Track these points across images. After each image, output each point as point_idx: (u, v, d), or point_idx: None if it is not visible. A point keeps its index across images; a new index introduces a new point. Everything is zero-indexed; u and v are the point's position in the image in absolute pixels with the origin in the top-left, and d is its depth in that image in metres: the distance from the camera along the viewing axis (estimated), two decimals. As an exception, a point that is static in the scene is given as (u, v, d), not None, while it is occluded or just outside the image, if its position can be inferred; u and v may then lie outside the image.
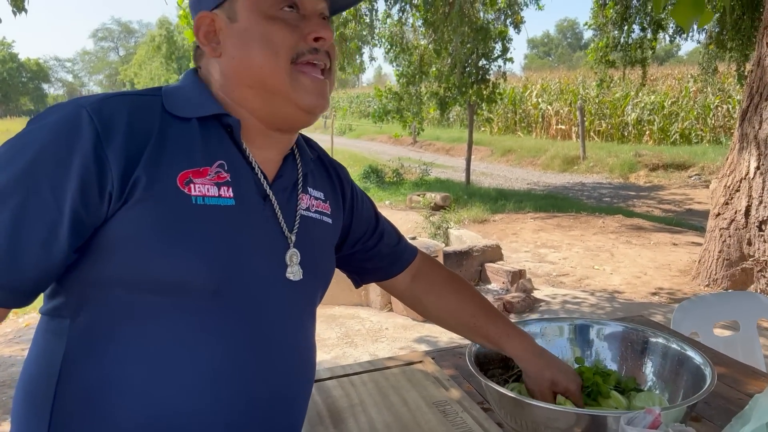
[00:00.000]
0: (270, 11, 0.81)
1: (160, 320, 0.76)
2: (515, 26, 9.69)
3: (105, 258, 0.74)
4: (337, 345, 3.85)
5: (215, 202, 0.78)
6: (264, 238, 0.83)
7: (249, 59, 0.81)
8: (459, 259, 4.90)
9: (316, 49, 0.83)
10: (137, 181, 0.73)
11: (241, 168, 0.83)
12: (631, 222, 7.10)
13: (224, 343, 0.78)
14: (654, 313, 4.23)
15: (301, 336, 0.89)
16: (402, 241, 1.18)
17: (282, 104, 0.83)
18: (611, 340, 1.32)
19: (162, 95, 0.82)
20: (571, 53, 65.05)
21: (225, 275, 0.77)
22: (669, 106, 15.52)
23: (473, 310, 1.15)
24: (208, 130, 0.82)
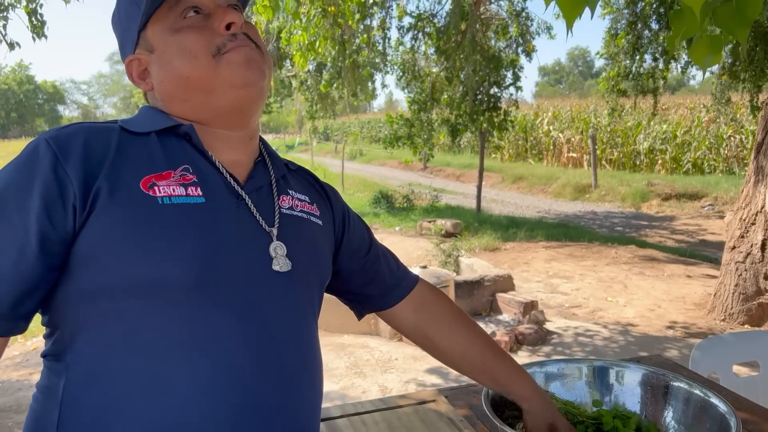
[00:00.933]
0: (175, 25, 0.84)
1: (148, 325, 0.75)
2: (527, 55, 9.76)
3: (84, 271, 0.75)
4: (346, 375, 3.79)
5: (183, 201, 0.79)
6: (242, 233, 0.83)
7: (174, 73, 0.84)
8: (470, 288, 4.86)
9: (234, 35, 0.84)
10: (99, 190, 0.75)
11: (207, 171, 0.84)
12: (644, 252, 7.02)
13: (217, 340, 0.77)
14: (669, 348, 4.15)
15: (301, 331, 0.88)
16: (401, 267, 1.16)
17: (220, 95, 0.85)
18: (631, 384, 1.28)
19: (119, 122, 0.86)
20: (583, 81, 65.33)
21: (203, 269, 0.76)
22: (681, 135, 15.48)
23: (482, 348, 1.11)
24: (168, 142, 0.84)
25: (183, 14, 0.84)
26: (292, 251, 0.87)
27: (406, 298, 1.12)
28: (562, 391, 1.28)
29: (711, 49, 1.70)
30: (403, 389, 3.51)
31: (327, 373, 3.87)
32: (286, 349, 0.84)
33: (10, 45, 4.75)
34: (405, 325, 1.14)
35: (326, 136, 34.93)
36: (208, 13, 0.85)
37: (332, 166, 19.56)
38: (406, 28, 9.76)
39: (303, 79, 11.95)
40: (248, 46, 0.85)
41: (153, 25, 0.85)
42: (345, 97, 11.45)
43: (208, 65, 0.83)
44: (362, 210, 11.10)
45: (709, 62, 1.71)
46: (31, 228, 0.73)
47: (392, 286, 1.12)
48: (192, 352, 0.76)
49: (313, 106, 12.73)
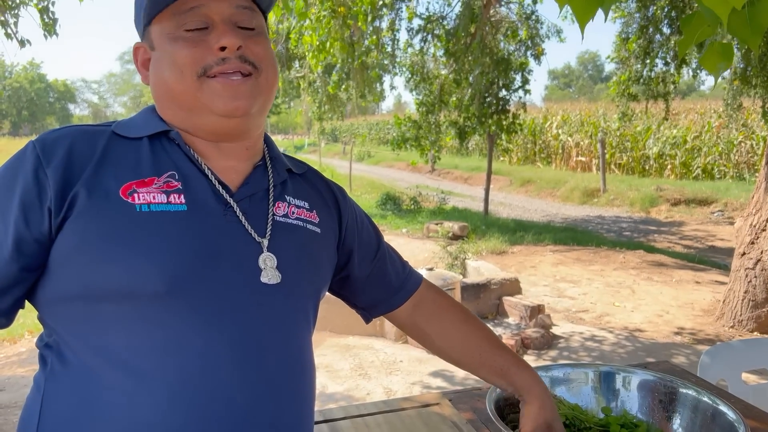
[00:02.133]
0: (174, 33, 0.83)
1: (121, 329, 0.76)
2: (536, 58, 9.73)
3: (60, 274, 0.77)
4: (350, 377, 3.78)
5: (163, 209, 0.78)
6: (228, 243, 0.81)
7: (163, 81, 0.85)
8: (476, 291, 4.83)
9: (223, 59, 0.82)
10: (76, 195, 0.76)
11: (195, 177, 0.83)
12: (653, 258, 6.97)
13: (188, 346, 0.76)
14: (677, 355, 4.11)
15: (291, 344, 0.86)
16: (406, 267, 1.15)
17: (200, 116, 0.84)
18: (638, 390, 1.27)
19: (113, 124, 0.86)
20: (592, 85, 65.11)
21: (176, 277, 0.76)
22: (691, 140, 15.39)
23: (479, 341, 1.10)
24: (158, 146, 0.84)
25: (185, 26, 0.82)
26: (284, 262, 0.85)
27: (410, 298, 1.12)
28: (568, 395, 1.26)
29: (723, 56, 1.69)
30: (407, 392, 3.49)
31: (332, 374, 3.86)
32: (272, 362, 0.82)
33: (21, 42, 4.78)
34: (405, 323, 1.14)
35: (334, 137, 34.97)
36: (208, 26, 0.83)
37: (340, 167, 19.57)
38: (416, 30, 9.76)
39: (311, 81, 11.96)
40: (238, 72, 0.83)
41: (156, 24, 0.85)
42: (353, 99, 11.46)
43: (192, 85, 0.82)
44: (370, 211, 11.10)
45: (721, 69, 1.70)
46: (9, 228, 0.75)
47: (398, 288, 1.11)
48: (163, 357, 0.75)
49: (321, 107, 12.75)
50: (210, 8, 0.82)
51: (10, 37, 4.75)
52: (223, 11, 0.83)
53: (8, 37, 4.77)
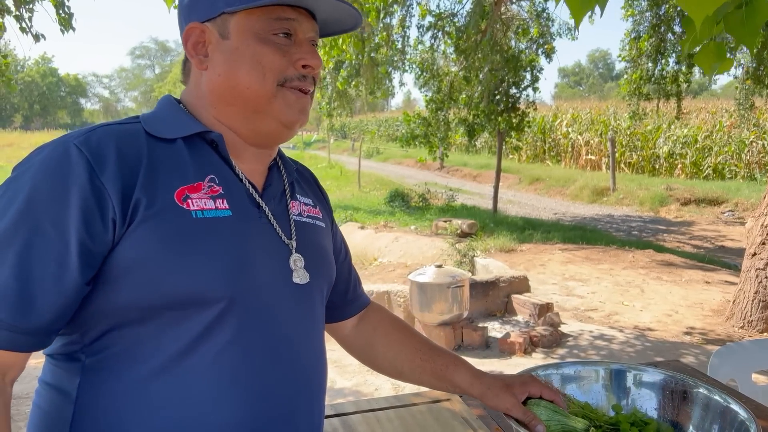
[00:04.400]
0: (263, 34, 0.83)
1: (177, 337, 0.76)
2: (547, 56, 9.69)
3: (118, 285, 0.75)
4: (359, 372, 3.80)
5: (214, 215, 0.79)
6: (266, 246, 0.85)
7: (236, 78, 0.83)
8: (485, 289, 4.84)
9: (304, 76, 0.86)
10: (138, 203, 0.75)
11: (231, 181, 0.85)
12: (662, 257, 6.94)
13: (242, 351, 0.79)
14: (686, 354, 4.10)
15: (314, 339, 0.91)
16: (360, 285, 1.19)
17: (263, 121, 0.86)
18: (649, 388, 1.26)
19: (141, 121, 0.84)
20: (603, 83, 64.76)
21: (237, 284, 0.79)
22: (702, 139, 15.29)
23: (417, 344, 1.11)
24: (194, 148, 0.84)
25: (275, 31, 0.83)
26: (309, 262, 0.90)
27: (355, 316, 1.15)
28: (578, 393, 1.26)
29: (717, 56, 1.69)
30: (416, 388, 3.50)
31: (340, 369, 3.88)
32: (304, 358, 0.87)
33: (35, 37, 4.82)
34: (348, 336, 1.16)
35: (343, 133, 34.98)
36: (294, 40, 0.86)
37: (349, 163, 19.58)
38: (426, 26, 9.74)
39: (321, 77, 11.97)
40: (308, 93, 0.87)
41: (242, 18, 0.83)
42: (362, 95, 11.45)
43: (270, 90, 0.84)
44: (378, 208, 11.11)
45: (716, 69, 1.70)
46: (71, 241, 0.72)
47: (353, 298, 1.14)
48: (221, 360, 0.78)
49: (330, 103, 12.76)
50: (301, 25, 0.85)
51: (25, 32, 4.79)
52: (308, 31, 0.87)
53: (23, 32, 4.81)
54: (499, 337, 4.28)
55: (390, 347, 1.12)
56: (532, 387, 1.04)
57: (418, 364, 1.09)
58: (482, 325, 4.45)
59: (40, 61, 57.22)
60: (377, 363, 1.14)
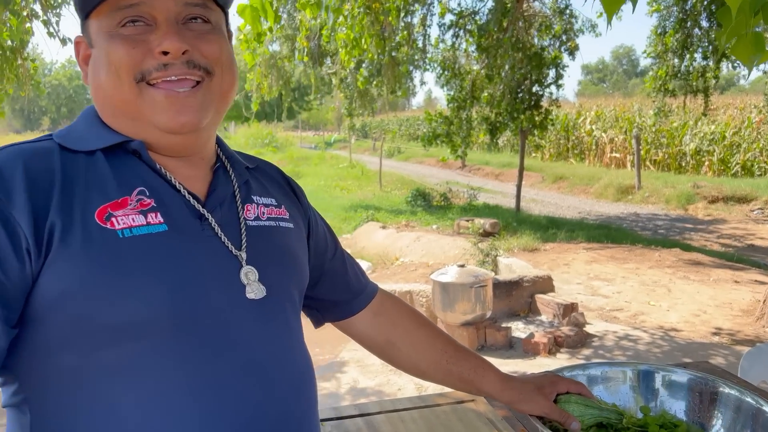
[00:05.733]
0: (111, 30, 0.73)
1: (120, 374, 0.68)
2: (570, 53, 9.59)
3: (45, 322, 0.67)
4: (381, 372, 3.80)
5: (145, 231, 0.70)
6: (210, 261, 0.75)
7: (101, 86, 0.75)
8: (508, 289, 4.80)
9: (165, 65, 0.72)
10: (52, 229, 0.66)
11: (165, 192, 0.75)
12: (689, 256, 6.83)
13: (199, 380, 0.70)
14: (714, 355, 4.02)
15: (287, 350, 0.81)
16: (364, 275, 1.10)
17: (144, 129, 0.75)
18: (677, 389, 1.24)
19: (54, 137, 0.75)
20: (627, 80, 63.89)
21: (179, 305, 0.70)
22: (730, 136, 14.99)
23: (443, 345, 1.05)
24: (117, 159, 0.74)
25: (121, 22, 0.72)
26: (265, 272, 0.79)
27: (366, 307, 1.07)
28: (605, 394, 1.25)
29: (755, 47, 1.65)
30: (439, 388, 3.49)
31: (363, 369, 3.89)
32: (278, 377, 0.77)
33: (62, 41, 4.91)
34: (365, 333, 1.08)
35: (364, 133, 35.04)
36: (153, 23, 0.73)
37: (370, 163, 19.61)
38: (447, 25, 9.71)
39: (343, 77, 12.01)
40: (185, 79, 0.73)
41: (94, 19, 0.75)
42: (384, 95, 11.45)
43: (129, 91, 0.73)
44: (399, 208, 11.10)
45: (755, 60, 1.66)
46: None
47: (357, 292, 1.05)
48: (172, 400, 0.69)
49: (352, 103, 12.78)
50: (153, 5, 0.72)
51: (52, 36, 4.89)
52: (170, 8, 0.73)
53: (50, 36, 4.90)
54: (522, 337, 4.24)
55: (413, 347, 1.06)
56: (560, 385, 1.04)
57: (444, 367, 1.04)
58: (506, 325, 4.42)
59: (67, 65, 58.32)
60: (399, 362, 1.08)
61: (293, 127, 45.92)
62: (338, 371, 3.92)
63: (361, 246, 8.37)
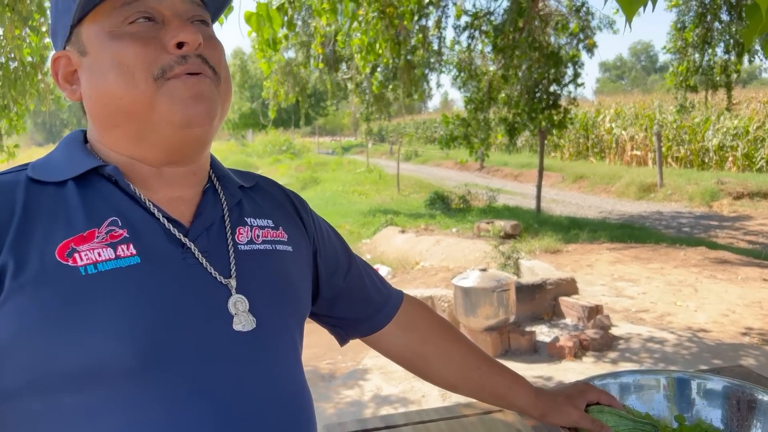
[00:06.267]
0: (116, 29, 0.69)
1: (88, 424, 0.62)
2: (588, 51, 9.49)
3: (3, 367, 0.62)
4: (405, 378, 3.77)
5: (113, 266, 0.65)
6: (192, 291, 0.69)
7: (106, 93, 0.70)
8: (531, 292, 4.75)
9: (184, 57, 0.69)
10: (4, 270, 0.61)
11: (141, 220, 0.70)
12: (716, 255, 6.69)
13: (179, 425, 0.64)
14: (744, 356, 3.93)
15: (281, 386, 0.74)
16: (385, 284, 1.03)
17: (156, 131, 0.70)
18: (714, 397, 1.20)
19: (29, 168, 0.71)
20: (646, 76, 63.17)
21: (146, 346, 0.64)
22: (754, 130, 14.71)
23: (476, 361, 1.02)
24: (89, 189, 0.70)
25: (129, 19, 0.69)
26: (257, 302, 0.73)
27: (392, 320, 1.02)
28: (638, 404, 1.21)
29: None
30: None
31: (386, 376, 3.86)
32: (268, 414, 0.71)
33: (81, 55, 4.96)
34: (393, 347, 1.03)
35: (381, 137, 35.07)
36: (161, 22, 0.70)
37: (387, 167, 19.61)
38: (462, 27, 9.68)
39: (358, 81, 12.03)
40: (200, 74, 0.70)
41: (90, 22, 0.70)
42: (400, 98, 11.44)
43: (147, 90, 0.68)
44: (418, 211, 11.07)
45: None
46: None
47: (379, 306, 1.00)
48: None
49: (368, 107, 12.79)
50: (161, 1, 0.70)
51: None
52: (177, 5, 0.71)
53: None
54: (547, 341, 4.19)
55: (444, 362, 1.02)
56: (590, 394, 1.02)
57: (476, 382, 1.02)
58: (530, 329, 4.37)
59: (88, 78, 59.26)
60: (429, 376, 1.04)
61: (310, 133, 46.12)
62: (361, 378, 3.90)
63: (380, 251, 8.36)
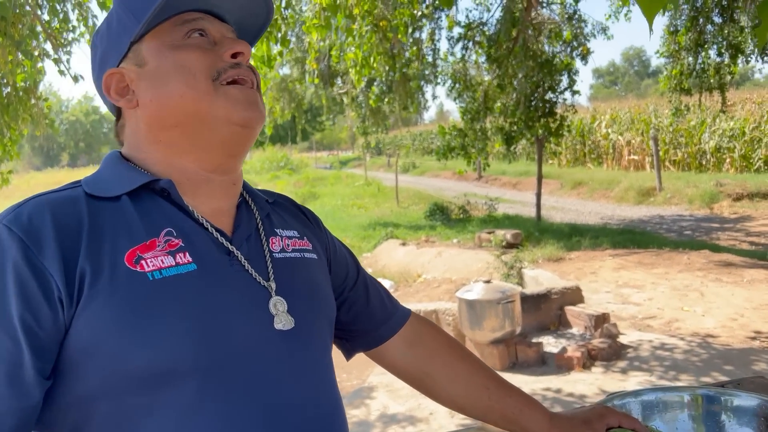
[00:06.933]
0: (177, 42, 0.78)
1: (156, 421, 0.67)
2: (582, 58, 9.50)
3: (77, 372, 0.66)
4: (412, 395, 3.70)
5: (175, 272, 0.70)
6: (239, 296, 0.75)
7: (168, 93, 0.76)
8: (536, 302, 4.68)
9: (237, 64, 0.78)
10: (83, 276, 0.66)
11: (192, 230, 0.75)
12: (720, 257, 6.64)
13: (235, 423, 0.69)
14: (756, 361, 3.87)
15: (317, 384, 0.79)
16: (392, 299, 1.05)
17: (214, 129, 0.77)
18: (742, 415, 1.14)
19: (82, 184, 0.77)
20: (639, 81, 63.46)
21: (212, 346, 0.69)
22: (750, 131, 14.73)
23: (485, 380, 0.99)
24: (143, 202, 0.75)
25: (188, 34, 0.78)
26: (294, 304, 0.79)
27: (397, 334, 1.02)
28: (662, 425, 1.15)
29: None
30: (472, 410, 3.38)
31: (392, 393, 3.79)
32: (306, 413, 0.76)
33: (74, 78, 4.93)
34: (399, 363, 1.03)
35: (378, 150, 35.11)
36: (213, 41, 0.80)
37: (385, 179, 19.59)
38: (456, 38, 9.69)
39: (354, 96, 12.03)
40: (250, 81, 0.79)
41: (151, 39, 0.78)
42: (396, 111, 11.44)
43: (207, 89, 0.76)
44: (418, 223, 11.02)
45: None
46: (18, 336, 0.63)
47: (383, 319, 1.01)
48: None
49: (365, 121, 12.78)
50: (213, 24, 0.80)
51: (63, 74, 4.92)
52: (223, 31, 0.81)
53: (61, 74, 4.93)
54: (555, 352, 4.12)
55: (451, 381, 1.00)
56: (610, 418, 0.96)
57: (485, 403, 0.98)
58: (536, 340, 4.30)
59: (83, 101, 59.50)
60: (436, 395, 1.02)
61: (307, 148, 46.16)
62: (367, 397, 3.82)
63: (381, 264, 8.29)
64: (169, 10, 0.77)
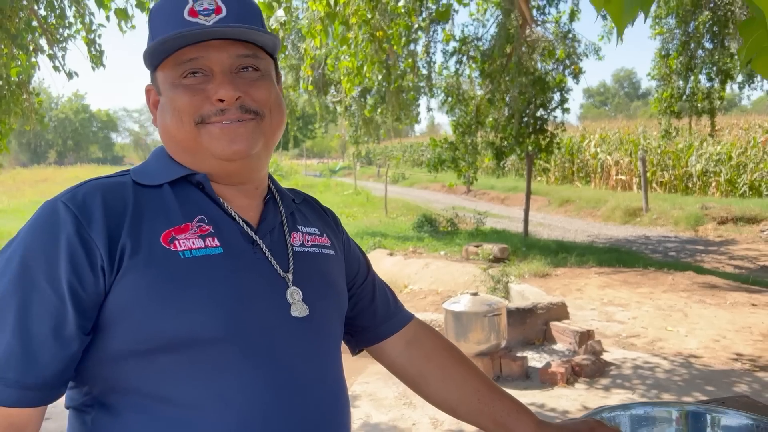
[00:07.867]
0: (175, 80, 0.84)
1: (177, 380, 0.77)
2: (574, 77, 9.60)
3: (110, 332, 0.76)
4: (395, 406, 3.68)
5: (203, 253, 0.80)
6: (260, 281, 0.84)
7: (167, 126, 0.86)
8: (522, 316, 4.69)
9: (222, 110, 0.83)
10: (123, 249, 0.76)
11: (222, 220, 0.85)
12: (704, 279, 6.70)
13: (244, 391, 0.78)
14: (737, 382, 3.90)
15: (326, 372, 0.88)
16: (397, 301, 1.13)
17: (204, 161, 0.86)
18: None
19: (131, 173, 0.88)
20: (629, 102, 64.20)
21: (229, 320, 0.78)
22: (736, 156, 14.95)
23: (477, 385, 1.04)
24: (180, 191, 0.85)
25: (183, 74, 0.84)
26: (309, 294, 0.87)
27: (397, 334, 1.08)
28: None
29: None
30: (455, 423, 3.38)
31: (375, 403, 3.77)
32: (314, 396, 0.84)
33: (68, 75, 4.91)
34: (397, 361, 1.09)
35: (369, 160, 35.15)
36: (211, 75, 0.84)
37: (375, 189, 19.60)
38: (450, 52, 9.76)
39: (347, 105, 12.05)
40: (237, 121, 0.83)
41: (161, 71, 0.86)
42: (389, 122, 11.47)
43: (191, 131, 0.84)
44: (406, 234, 11.03)
45: None
46: (65, 294, 0.73)
47: (385, 318, 1.08)
48: (220, 404, 0.77)
49: (357, 130, 12.80)
50: (210, 59, 0.83)
51: (57, 70, 4.89)
52: (224, 61, 0.84)
53: (56, 70, 4.91)
54: (539, 367, 4.13)
55: (445, 383, 1.05)
56: (600, 431, 0.98)
57: (476, 407, 1.02)
58: (521, 354, 4.31)
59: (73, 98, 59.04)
60: (429, 396, 1.07)
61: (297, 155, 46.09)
62: (350, 406, 3.80)
63: (368, 274, 8.26)
64: (168, 51, 0.83)
